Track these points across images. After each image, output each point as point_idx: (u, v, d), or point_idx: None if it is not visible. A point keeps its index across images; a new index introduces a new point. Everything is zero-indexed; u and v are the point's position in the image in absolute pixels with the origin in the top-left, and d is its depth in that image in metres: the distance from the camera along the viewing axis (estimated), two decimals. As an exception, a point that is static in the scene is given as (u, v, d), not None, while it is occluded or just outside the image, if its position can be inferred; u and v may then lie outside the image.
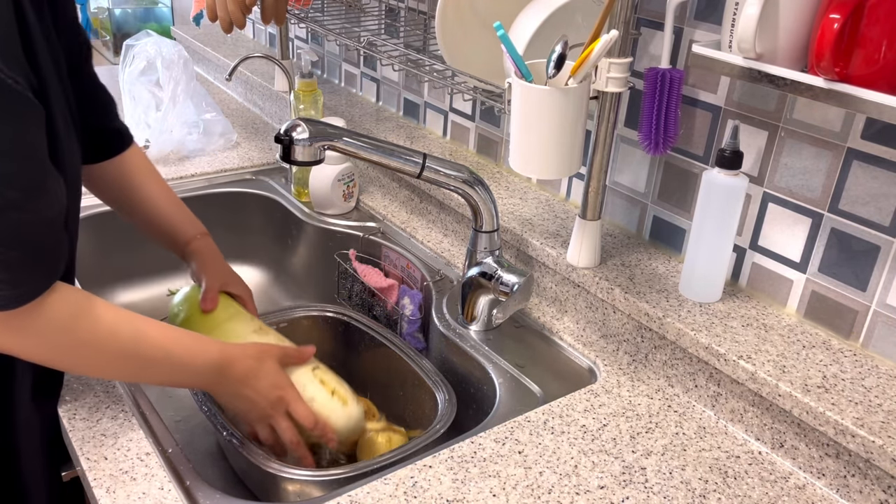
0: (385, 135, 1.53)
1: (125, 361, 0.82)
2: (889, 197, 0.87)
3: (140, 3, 3.47)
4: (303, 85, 1.50)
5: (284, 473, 0.88)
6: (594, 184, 1.05)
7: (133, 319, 0.82)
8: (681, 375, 0.99)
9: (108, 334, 0.80)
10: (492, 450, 0.88)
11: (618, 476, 0.85)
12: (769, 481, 0.86)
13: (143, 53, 1.62)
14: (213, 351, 0.88)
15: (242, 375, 0.89)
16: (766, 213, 1.00)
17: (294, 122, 0.95)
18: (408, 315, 1.23)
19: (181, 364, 0.86)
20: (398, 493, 0.81)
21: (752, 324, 0.97)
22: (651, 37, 1.07)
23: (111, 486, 0.81)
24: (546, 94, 0.93)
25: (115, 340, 0.81)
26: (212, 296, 1.01)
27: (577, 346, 1.09)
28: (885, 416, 0.82)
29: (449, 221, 1.35)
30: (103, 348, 0.80)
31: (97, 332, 0.79)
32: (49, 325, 0.75)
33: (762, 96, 0.97)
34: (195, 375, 0.88)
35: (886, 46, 0.70)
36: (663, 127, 0.99)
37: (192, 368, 0.87)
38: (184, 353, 0.86)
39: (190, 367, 0.86)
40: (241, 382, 0.89)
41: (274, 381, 0.91)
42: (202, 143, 1.63)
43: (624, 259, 1.11)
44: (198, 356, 0.87)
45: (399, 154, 1.01)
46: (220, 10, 1.21)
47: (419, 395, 1.08)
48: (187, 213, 1.09)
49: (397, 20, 1.54)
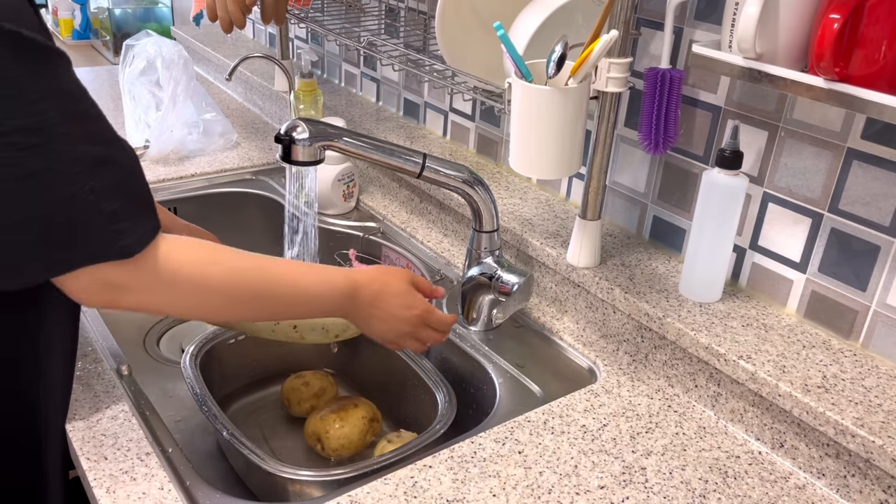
0: (385, 135, 1.53)
1: (256, 302, 0.83)
2: (889, 197, 0.87)
3: (140, 3, 3.47)
4: (303, 85, 1.50)
5: (284, 473, 0.88)
6: (594, 184, 1.05)
7: (254, 258, 0.82)
8: (681, 375, 0.99)
9: (235, 277, 0.80)
10: (492, 450, 0.88)
11: (618, 476, 0.85)
12: (769, 481, 0.86)
13: (143, 53, 1.62)
14: (340, 279, 0.88)
15: (372, 299, 0.89)
16: (766, 213, 1.00)
17: (294, 122, 0.95)
18: (408, 315, 1.23)
19: (311, 297, 0.86)
20: (398, 493, 0.81)
21: (752, 324, 0.97)
22: (651, 37, 1.07)
23: (111, 486, 0.81)
24: (546, 94, 0.93)
25: (244, 282, 0.80)
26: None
27: (577, 346, 1.09)
28: (885, 416, 0.82)
29: (449, 221, 1.35)
30: (233, 292, 0.80)
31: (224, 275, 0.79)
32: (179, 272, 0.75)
33: (762, 96, 0.97)
34: (326, 306, 0.88)
35: (886, 46, 0.70)
36: (663, 127, 0.99)
37: (322, 299, 0.87)
38: (311, 286, 0.86)
39: (319, 298, 0.86)
40: (371, 306, 0.90)
41: (404, 301, 0.92)
42: (202, 143, 1.63)
43: (624, 259, 1.11)
44: (326, 287, 0.87)
45: (399, 154, 1.01)
46: (220, 10, 1.21)
47: (419, 395, 1.08)
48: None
49: (397, 20, 1.54)
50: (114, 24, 3.35)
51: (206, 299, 0.79)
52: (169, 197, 1.48)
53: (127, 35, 2.23)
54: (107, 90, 2.01)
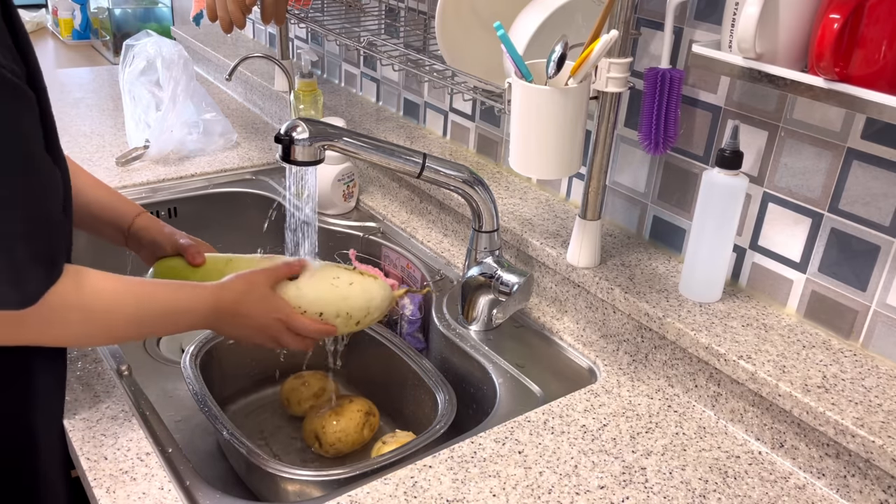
0: (385, 135, 1.53)
1: (134, 325, 0.84)
2: (889, 197, 0.87)
3: (140, 3, 3.47)
4: (303, 85, 1.50)
5: (284, 473, 0.88)
6: (594, 184, 1.05)
7: (128, 284, 0.83)
8: (681, 375, 0.99)
9: (114, 304, 0.81)
10: (492, 450, 0.88)
11: (618, 476, 0.85)
12: (769, 481, 0.86)
13: (143, 53, 1.62)
14: (206, 294, 0.89)
15: (234, 310, 0.90)
16: (766, 213, 1.00)
17: (294, 122, 0.95)
18: (408, 315, 1.23)
19: (181, 312, 0.88)
20: (398, 493, 0.81)
21: (752, 324, 0.97)
22: (651, 37, 1.07)
23: (111, 486, 0.81)
24: (546, 94, 0.93)
25: (121, 309, 0.82)
26: (194, 250, 1.01)
27: (577, 346, 1.09)
28: (885, 416, 0.82)
29: (449, 221, 1.35)
30: (112, 319, 0.82)
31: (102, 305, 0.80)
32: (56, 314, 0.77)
33: (762, 96, 0.97)
34: (195, 321, 0.89)
35: (886, 46, 0.70)
36: (663, 127, 0.99)
37: (191, 315, 0.88)
38: (183, 303, 0.87)
39: (189, 314, 0.88)
40: (234, 315, 0.90)
41: (265, 306, 0.92)
42: (202, 143, 1.63)
43: (624, 259, 1.11)
44: (194, 302, 0.88)
45: (399, 154, 1.01)
46: (220, 10, 1.21)
47: (419, 395, 1.08)
48: (120, 195, 1.08)
49: (397, 20, 1.54)
50: (114, 24, 3.35)
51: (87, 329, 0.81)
52: (169, 197, 1.48)
53: (127, 35, 2.23)
54: (107, 90, 2.01)
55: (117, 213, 1.04)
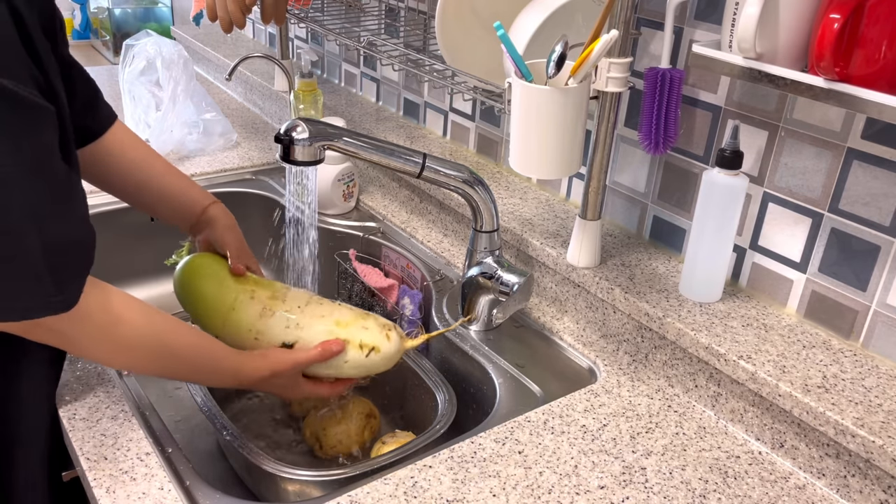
0: (385, 135, 1.53)
1: (157, 362, 0.86)
2: (889, 197, 0.87)
3: (140, 3, 3.48)
4: (303, 85, 1.50)
5: (284, 473, 0.88)
6: (594, 184, 1.05)
7: (156, 326, 0.84)
8: (681, 375, 0.99)
9: (140, 340, 0.83)
10: (492, 450, 0.88)
11: (618, 476, 0.85)
12: (769, 481, 0.86)
13: (143, 53, 1.62)
14: (229, 366, 0.91)
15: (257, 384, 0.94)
16: (767, 213, 1.00)
17: (294, 122, 0.95)
18: (408, 315, 1.23)
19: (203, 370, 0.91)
20: (398, 493, 0.81)
21: (752, 324, 0.97)
22: (651, 37, 1.07)
23: (111, 486, 0.81)
24: (546, 94, 0.93)
25: (146, 346, 0.84)
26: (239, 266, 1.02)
27: (577, 346, 1.09)
28: (885, 416, 0.82)
29: (449, 221, 1.35)
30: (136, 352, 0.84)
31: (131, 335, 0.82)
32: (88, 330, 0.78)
33: (762, 96, 0.96)
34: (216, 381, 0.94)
35: (886, 46, 0.70)
36: (663, 127, 0.99)
37: (213, 376, 0.92)
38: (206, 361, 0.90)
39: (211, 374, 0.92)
40: (258, 387, 0.95)
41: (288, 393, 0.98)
42: (202, 143, 1.63)
43: (624, 259, 1.11)
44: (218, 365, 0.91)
45: (399, 154, 1.01)
46: (220, 10, 1.21)
47: (419, 395, 1.08)
48: (193, 182, 1.09)
49: (397, 20, 1.54)
50: (114, 23, 3.36)
51: (133, 355, 0.83)
52: (169, 197, 1.48)
53: (127, 35, 2.24)
54: (107, 90, 2.00)
55: (193, 201, 1.07)
